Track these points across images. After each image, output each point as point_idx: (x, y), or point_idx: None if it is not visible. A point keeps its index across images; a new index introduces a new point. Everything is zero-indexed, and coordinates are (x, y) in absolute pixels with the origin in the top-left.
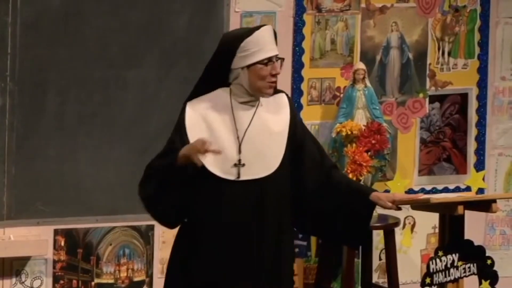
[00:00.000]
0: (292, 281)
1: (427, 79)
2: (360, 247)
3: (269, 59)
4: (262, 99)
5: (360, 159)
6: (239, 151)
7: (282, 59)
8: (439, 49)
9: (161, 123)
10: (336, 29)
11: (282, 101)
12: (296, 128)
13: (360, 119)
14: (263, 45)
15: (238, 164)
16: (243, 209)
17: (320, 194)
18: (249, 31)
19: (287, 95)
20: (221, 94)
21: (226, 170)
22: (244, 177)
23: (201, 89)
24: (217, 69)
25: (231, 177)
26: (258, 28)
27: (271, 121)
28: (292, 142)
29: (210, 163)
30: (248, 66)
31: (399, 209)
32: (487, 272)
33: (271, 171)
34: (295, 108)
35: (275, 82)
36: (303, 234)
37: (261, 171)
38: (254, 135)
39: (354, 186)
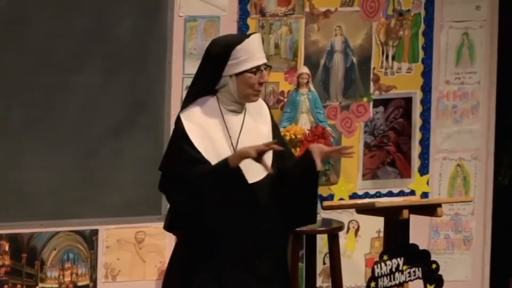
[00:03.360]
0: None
1: (371, 83)
2: (304, 252)
3: (258, 68)
4: (246, 104)
5: None
6: None
7: (270, 67)
8: (383, 53)
9: (106, 127)
10: (280, 34)
11: (261, 105)
12: (276, 129)
13: (304, 123)
14: (252, 53)
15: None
16: (244, 213)
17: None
18: (240, 39)
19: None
20: (209, 101)
21: None
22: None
23: (190, 97)
24: (208, 76)
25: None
26: (248, 36)
27: (257, 124)
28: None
29: None
30: (237, 74)
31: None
32: (432, 276)
33: (265, 174)
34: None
35: (261, 89)
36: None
37: (258, 175)
38: (247, 140)
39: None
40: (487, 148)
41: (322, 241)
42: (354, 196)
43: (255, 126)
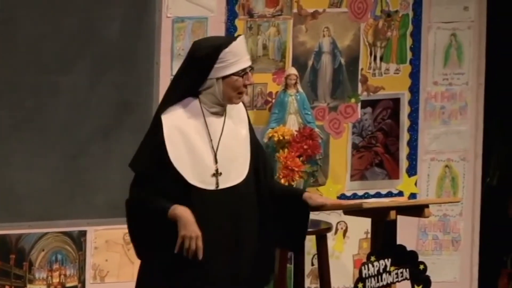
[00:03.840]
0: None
1: (359, 84)
2: (292, 253)
3: (244, 70)
4: (227, 106)
5: (292, 165)
6: (216, 161)
7: (253, 68)
8: (371, 54)
9: (93, 128)
10: (268, 34)
11: (239, 107)
12: (252, 132)
13: (292, 124)
14: (239, 56)
15: (216, 174)
16: (223, 216)
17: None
18: (227, 42)
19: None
20: (191, 103)
21: (205, 180)
22: (222, 185)
23: (171, 97)
24: (191, 78)
25: (211, 187)
26: (234, 38)
27: (237, 127)
28: (252, 146)
29: (189, 175)
30: (224, 77)
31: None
32: (420, 277)
33: (243, 177)
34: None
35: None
36: None
37: (236, 178)
38: (227, 143)
39: (285, 189)
40: (475, 149)
41: (310, 242)
42: (342, 197)
43: (235, 129)
